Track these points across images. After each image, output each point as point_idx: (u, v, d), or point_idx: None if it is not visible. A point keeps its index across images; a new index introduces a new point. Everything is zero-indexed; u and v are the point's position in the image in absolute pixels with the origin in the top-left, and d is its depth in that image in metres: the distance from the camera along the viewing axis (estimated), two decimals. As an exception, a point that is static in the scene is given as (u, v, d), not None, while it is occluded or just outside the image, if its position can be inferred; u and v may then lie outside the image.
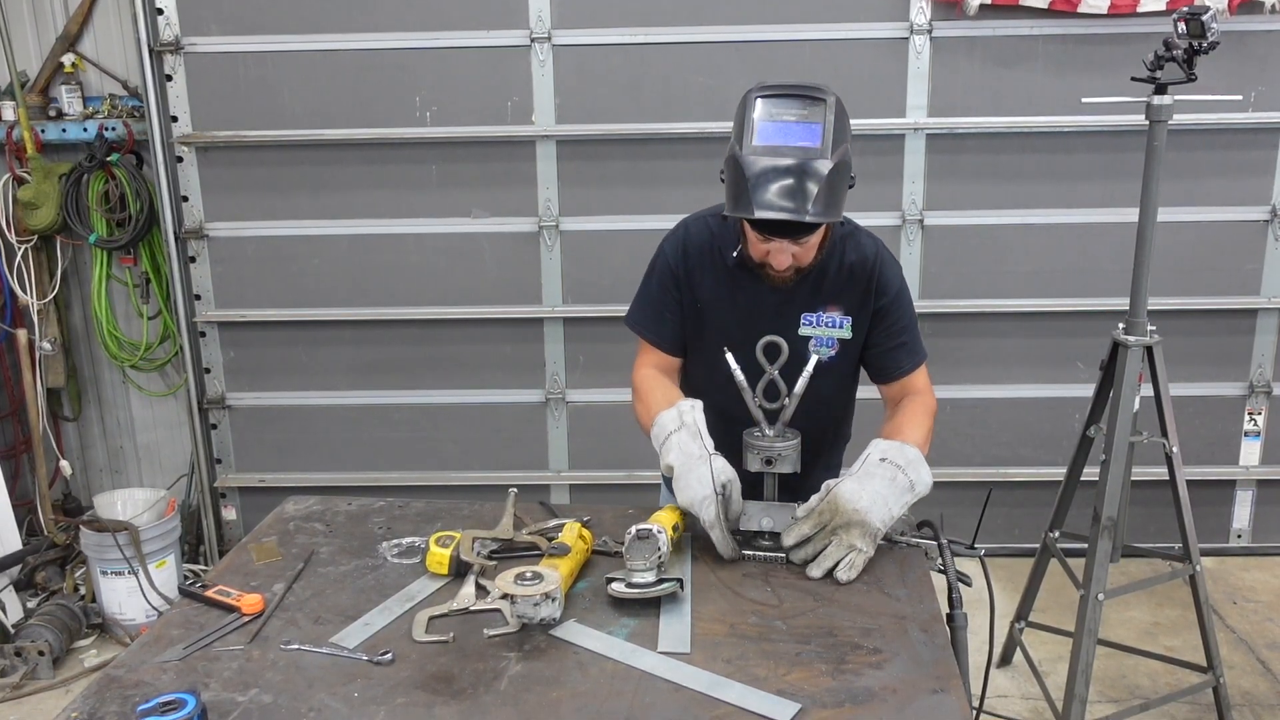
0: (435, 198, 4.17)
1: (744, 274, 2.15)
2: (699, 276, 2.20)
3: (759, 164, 1.87)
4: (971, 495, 4.18)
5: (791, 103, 1.91)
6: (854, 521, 1.89)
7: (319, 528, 2.18)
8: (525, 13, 3.96)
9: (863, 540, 1.89)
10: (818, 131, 1.88)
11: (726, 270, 2.17)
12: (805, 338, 2.16)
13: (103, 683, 1.63)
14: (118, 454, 4.75)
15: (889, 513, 1.91)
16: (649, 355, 2.31)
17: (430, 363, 4.35)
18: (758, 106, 1.92)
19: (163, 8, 3.99)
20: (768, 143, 1.89)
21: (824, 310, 2.16)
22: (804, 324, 2.16)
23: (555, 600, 1.72)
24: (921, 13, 3.90)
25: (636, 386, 2.28)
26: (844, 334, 2.18)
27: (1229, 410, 4.31)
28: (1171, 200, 3.71)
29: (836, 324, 2.17)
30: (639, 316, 2.30)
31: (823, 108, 1.90)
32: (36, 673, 3.65)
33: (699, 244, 2.20)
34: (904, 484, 1.94)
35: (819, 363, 2.03)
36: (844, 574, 1.88)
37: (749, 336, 2.05)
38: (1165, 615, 3.93)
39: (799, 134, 1.89)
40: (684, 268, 2.21)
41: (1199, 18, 2.65)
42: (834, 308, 2.17)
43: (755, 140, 1.89)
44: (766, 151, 1.88)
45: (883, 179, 4.08)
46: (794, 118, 1.90)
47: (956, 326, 4.22)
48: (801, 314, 2.16)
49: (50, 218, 4.23)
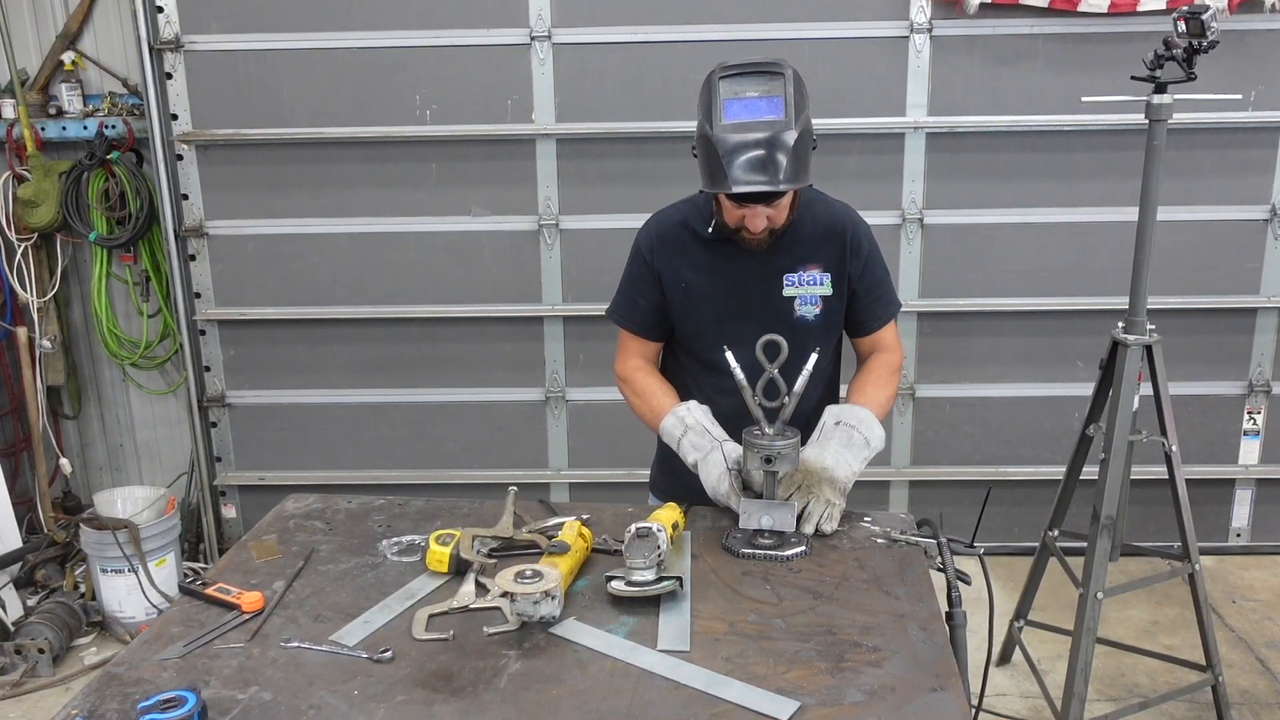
0: (435, 196, 4.17)
1: (722, 246, 2.23)
2: (678, 259, 2.28)
3: (730, 140, 1.97)
4: (971, 494, 4.20)
5: (753, 79, 2.02)
6: (823, 479, 2.07)
7: (319, 526, 2.18)
8: (525, 11, 3.96)
9: (834, 494, 2.06)
10: (780, 104, 2.00)
11: (704, 246, 2.25)
12: (790, 299, 2.25)
13: (103, 680, 1.63)
14: (117, 452, 4.75)
15: (850, 468, 2.11)
16: (631, 345, 2.40)
17: (430, 361, 4.35)
18: (722, 86, 2.02)
19: (163, 6, 3.99)
20: (735, 119, 1.99)
21: (804, 269, 2.25)
22: (787, 284, 2.25)
23: (555, 598, 1.73)
24: (922, 11, 3.91)
25: (627, 380, 2.38)
26: (825, 290, 2.26)
27: (1228, 409, 4.32)
28: (1171, 199, 3.71)
29: (818, 281, 2.26)
30: (616, 307, 2.41)
31: (782, 81, 2.01)
32: (36, 670, 3.66)
33: (671, 229, 2.29)
34: (859, 441, 2.13)
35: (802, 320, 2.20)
36: (827, 526, 2.04)
37: (737, 305, 2.22)
38: (1164, 614, 3.93)
39: (763, 108, 1.99)
40: (659, 254, 2.29)
41: (1199, 17, 2.65)
42: (813, 266, 2.26)
43: (723, 119, 1.99)
44: (735, 129, 1.98)
45: (882, 178, 4.08)
46: (757, 93, 2.01)
47: (956, 325, 4.22)
48: (784, 275, 2.25)
49: (50, 216, 4.24)
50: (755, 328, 2.11)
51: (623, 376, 2.40)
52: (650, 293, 2.32)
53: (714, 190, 2.04)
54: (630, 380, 2.38)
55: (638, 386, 2.35)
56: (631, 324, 2.38)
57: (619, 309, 2.39)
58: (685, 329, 2.33)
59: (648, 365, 2.40)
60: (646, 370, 2.38)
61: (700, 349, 2.33)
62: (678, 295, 2.29)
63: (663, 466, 2.49)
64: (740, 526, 2.04)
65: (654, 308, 2.33)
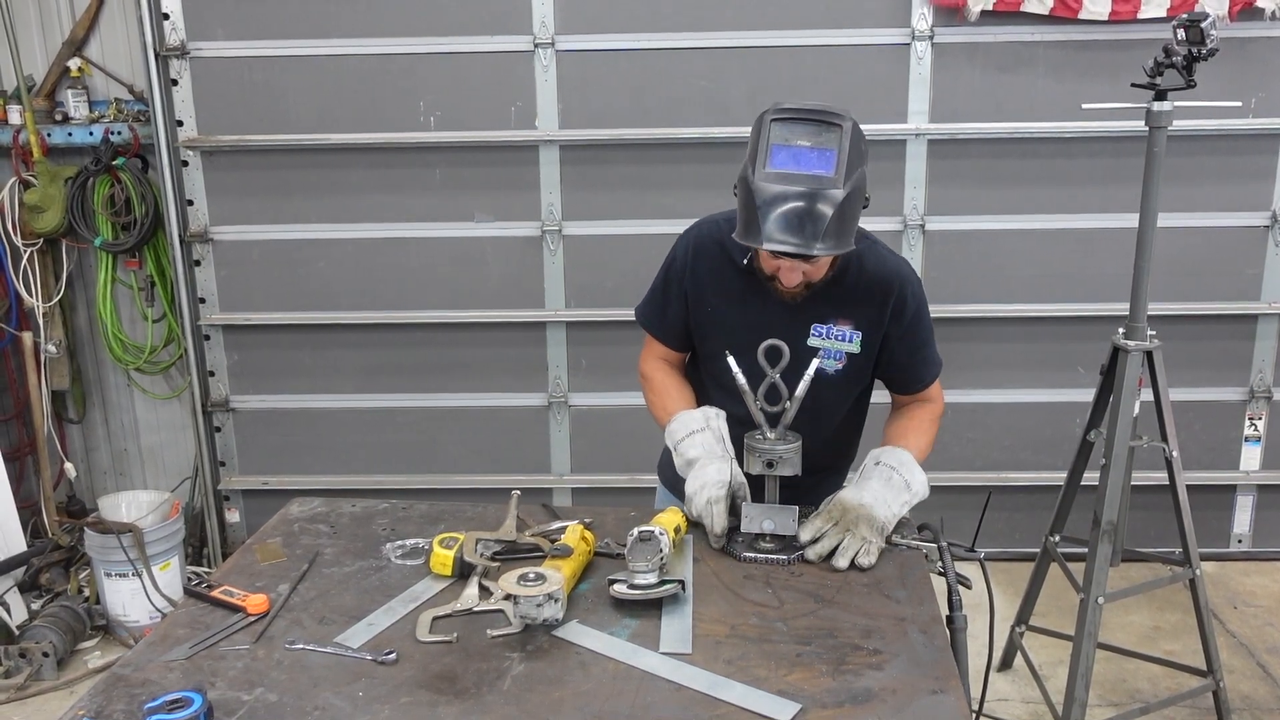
0: (439, 202, 4.19)
1: (755, 279, 2.12)
2: (709, 279, 2.19)
3: (769, 191, 1.84)
4: (972, 499, 4.17)
5: (807, 127, 1.88)
6: (861, 516, 1.99)
7: (323, 529, 2.20)
8: (529, 18, 3.98)
9: (871, 533, 1.98)
10: (832, 159, 1.85)
11: (737, 274, 2.15)
12: (813, 349, 2.13)
13: (109, 681, 1.64)
14: (122, 456, 4.77)
15: (890, 510, 2.01)
16: (655, 348, 2.35)
17: (433, 366, 4.37)
18: (773, 130, 1.89)
19: (169, 12, 4.01)
20: (780, 168, 1.86)
21: (835, 323, 2.15)
22: (813, 334, 2.15)
23: (558, 601, 1.74)
24: (923, 19, 3.92)
25: (648, 377, 2.34)
26: (853, 348, 2.16)
27: (1229, 415, 4.32)
28: (1172, 206, 3.72)
29: (846, 338, 2.15)
30: (645, 310, 2.34)
31: (838, 134, 1.86)
32: (41, 674, 3.67)
33: (709, 247, 2.19)
34: (900, 483, 2.04)
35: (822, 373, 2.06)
36: (864, 560, 1.96)
37: (756, 342, 2.04)
38: (1165, 619, 3.94)
39: (812, 161, 1.86)
40: (694, 268, 2.21)
41: (1198, 24, 2.67)
42: (845, 321, 2.15)
43: (768, 166, 1.86)
44: (778, 179, 1.85)
45: (884, 184, 4.08)
46: (808, 143, 1.87)
47: (957, 331, 4.23)
48: (812, 324, 2.15)
49: (56, 221, 4.26)
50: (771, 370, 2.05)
51: (644, 373, 2.35)
52: (678, 305, 2.24)
53: (745, 241, 1.90)
54: (650, 378, 2.33)
55: (656, 383, 2.30)
56: (659, 332, 2.32)
57: (648, 314, 2.32)
58: (705, 350, 2.29)
59: (669, 367, 2.35)
60: (667, 371, 2.33)
61: (718, 372, 2.22)
62: (702, 317, 2.22)
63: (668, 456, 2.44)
64: (742, 530, 2.05)
65: (679, 321, 2.26)
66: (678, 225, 2.31)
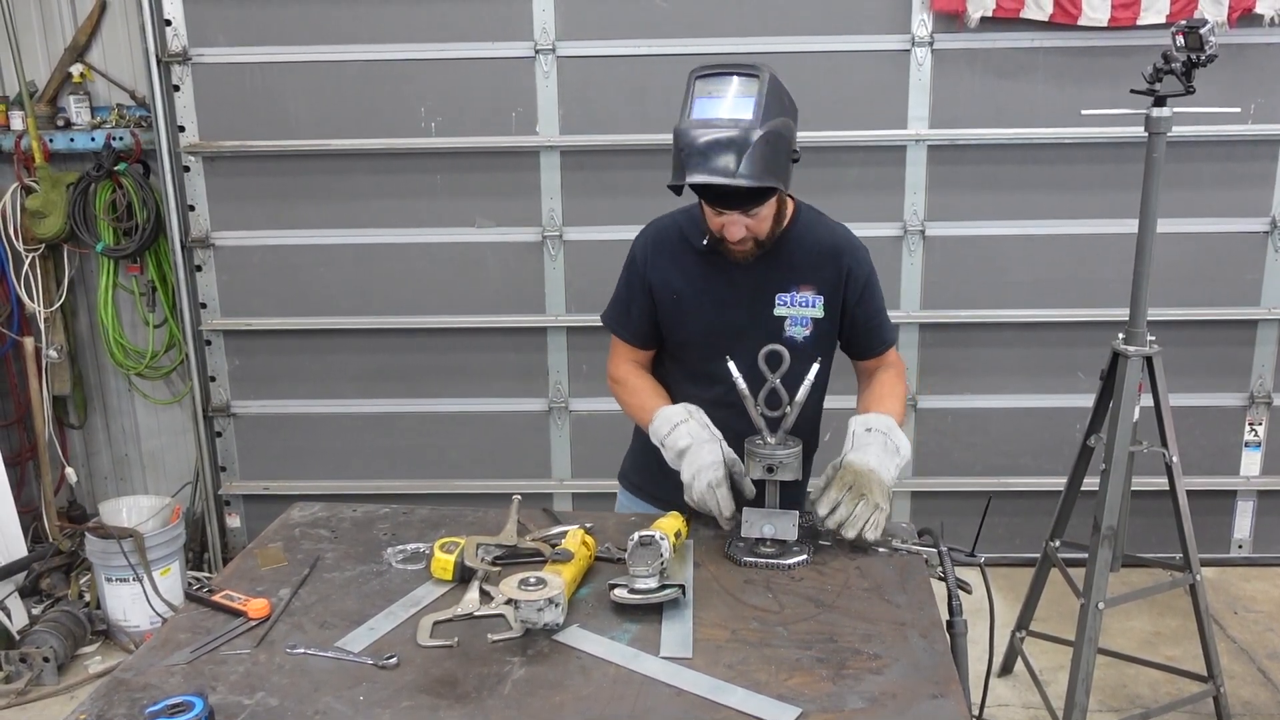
0: (440, 207, 4.20)
1: (715, 259, 2.23)
2: (671, 266, 2.28)
3: (694, 134, 1.96)
4: (972, 504, 4.20)
5: (725, 80, 2.02)
6: (874, 480, 2.03)
7: (324, 534, 2.20)
8: (530, 24, 3.99)
9: (883, 498, 2.03)
10: (750, 103, 1.98)
11: (698, 257, 2.25)
12: (781, 318, 2.25)
13: (111, 685, 1.65)
14: (123, 461, 4.77)
15: (890, 475, 2.08)
16: (622, 349, 2.42)
17: (434, 371, 4.37)
18: (696, 85, 2.03)
19: (171, 19, 4.02)
20: (703, 116, 1.99)
21: (797, 290, 2.25)
22: (779, 304, 2.25)
23: (558, 605, 1.74)
24: (923, 25, 3.93)
25: (621, 380, 2.40)
26: (817, 313, 2.26)
27: (1229, 421, 4.33)
28: (1172, 211, 3.73)
29: (810, 303, 2.26)
30: (611, 314, 2.42)
31: (756, 82, 1.99)
32: (41, 679, 3.67)
33: (667, 237, 2.30)
34: (891, 448, 2.10)
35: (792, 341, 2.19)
36: (871, 534, 2.01)
37: (727, 320, 2.22)
38: (1166, 625, 3.94)
39: (732, 107, 1.98)
40: (654, 261, 2.30)
41: (1197, 31, 2.68)
42: (806, 287, 2.25)
43: (692, 115, 1.99)
44: (701, 124, 1.97)
45: (884, 190, 4.10)
46: (728, 93, 2.01)
47: (957, 336, 4.24)
48: (776, 295, 2.25)
49: (57, 226, 4.27)
50: (743, 343, 2.15)
51: (615, 377, 2.42)
52: (643, 300, 2.33)
53: (675, 181, 2.01)
54: (623, 381, 2.39)
55: (631, 385, 2.37)
56: (625, 332, 2.39)
57: (613, 316, 2.41)
58: (675, 339, 2.35)
59: (639, 368, 2.42)
60: (639, 372, 2.40)
61: (688, 360, 2.34)
62: (669, 305, 2.30)
63: (636, 461, 2.52)
64: (742, 535, 2.05)
65: (646, 317, 2.34)
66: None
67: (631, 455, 2.57)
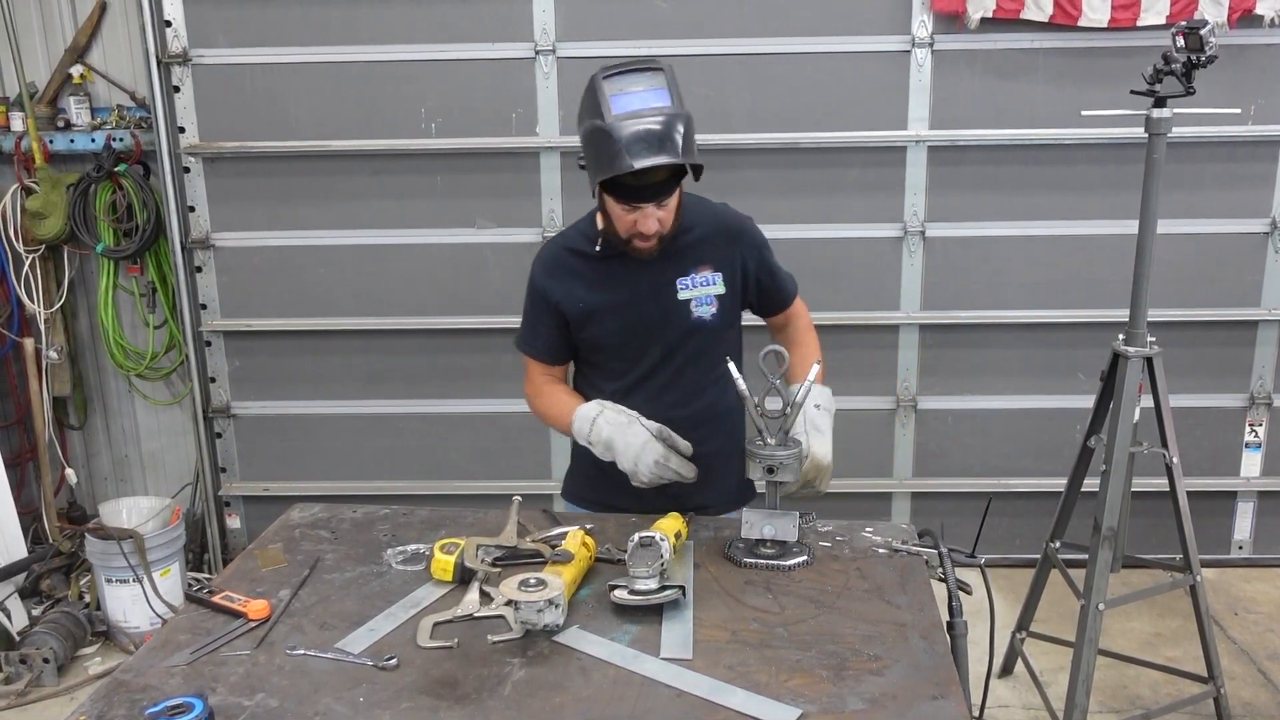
0: (440, 208, 4.20)
1: (613, 261, 2.28)
2: (572, 283, 2.33)
3: (626, 124, 2.01)
4: (972, 505, 4.20)
5: (634, 76, 2.09)
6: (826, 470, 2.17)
7: (324, 535, 2.20)
8: (530, 25, 3.99)
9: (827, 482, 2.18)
10: (665, 94, 2.06)
11: (595, 265, 2.31)
12: (686, 302, 2.30)
13: (111, 686, 1.65)
14: (123, 462, 4.77)
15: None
16: (536, 369, 2.47)
17: (434, 372, 4.37)
18: (606, 85, 2.08)
19: (171, 20, 4.02)
20: (626, 110, 2.04)
21: (695, 271, 2.30)
22: (681, 289, 2.29)
23: (558, 606, 1.74)
24: (923, 26, 3.93)
25: (536, 394, 2.45)
26: (719, 289, 2.31)
27: (1229, 422, 4.32)
28: (1172, 212, 3.73)
29: (710, 281, 2.31)
30: (522, 336, 2.48)
31: (662, 75, 2.08)
32: (41, 680, 3.67)
33: (559, 257, 2.36)
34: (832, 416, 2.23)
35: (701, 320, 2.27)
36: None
37: (637, 316, 2.28)
38: (1166, 626, 3.93)
39: (651, 98, 2.06)
40: (553, 284, 2.34)
41: (1197, 31, 2.68)
42: (704, 267, 2.30)
43: (614, 111, 2.04)
44: (629, 116, 2.02)
45: (884, 191, 4.10)
46: (641, 88, 2.07)
47: (958, 337, 4.23)
48: (676, 280, 2.30)
49: (58, 227, 4.27)
50: (657, 334, 2.28)
51: (530, 393, 2.47)
52: (550, 320, 2.37)
53: (614, 173, 2.02)
54: (538, 393, 2.44)
55: (546, 393, 2.42)
56: (535, 351, 2.44)
57: (525, 339, 2.46)
58: (591, 344, 2.38)
59: (554, 380, 2.46)
60: (551, 383, 2.45)
61: (603, 361, 2.39)
62: (580, 317, 2.34)
63: (574, 471, 2.56)
64: (742, 536, 2.05)
65: (555, 335, 2.39)
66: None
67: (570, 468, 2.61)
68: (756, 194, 4.06)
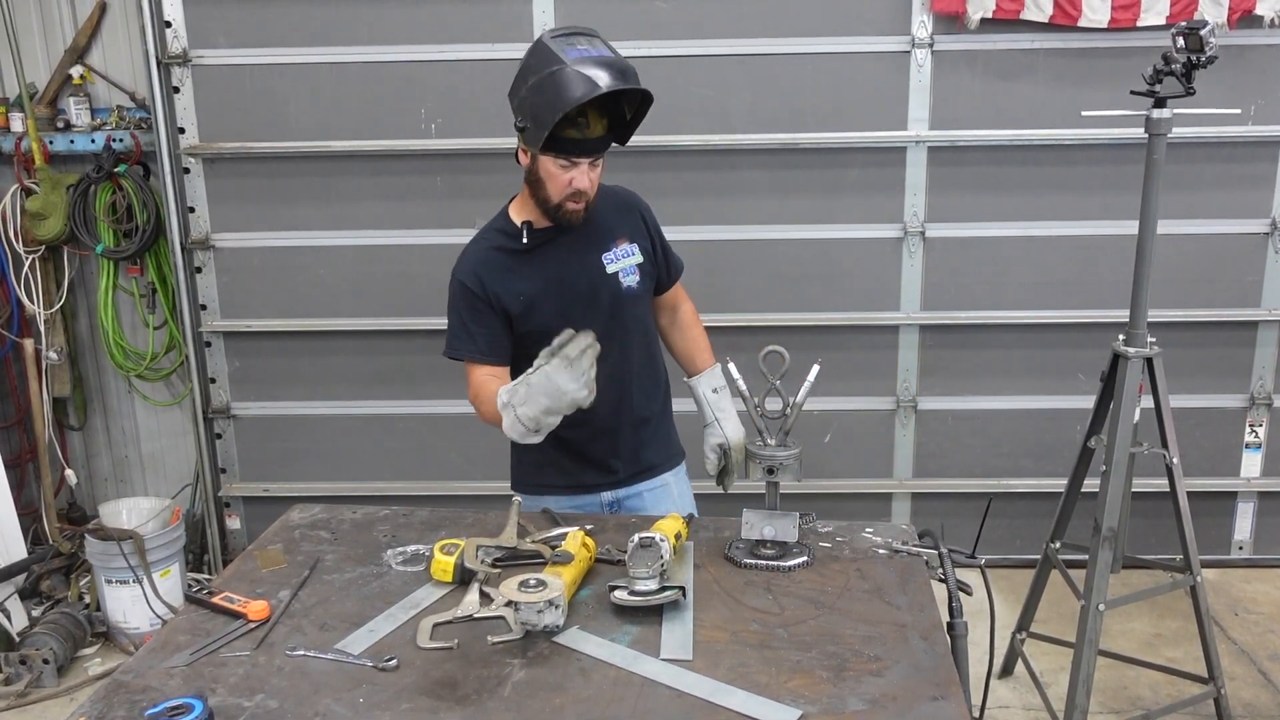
0: (440, 209, 4.19)
1: (541, 250, 2.39)
2: (508, 279, 2.40)
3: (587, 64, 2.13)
4: (972, 505, 4.20)
5: (580, 35, 2.22)
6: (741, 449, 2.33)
7: (324, 535, 2.20)
8: (530, 25, 3.99)
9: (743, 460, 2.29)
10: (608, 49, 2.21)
11: (525, 257, 2.40)
12: (615, 274, 2.42)
13: (110, 687, 1.65)
14: (123, 463, 4.77)
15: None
16: (477, 372, 2.45)
17: (435, 373, 4.35)
18: (556, 43, 2.18)
19: (171, 20, 4.02)
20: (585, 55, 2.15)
21: (615, 245, 2.44)
22: (607, 263, 2.42)
23: (558, 607, 1.74)
24: (923, 26, 3.93)
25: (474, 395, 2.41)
26: (639, 259, 2.46)
27: (1230, 422, 4.32)
28: (1172, 213, 3.73)
29: (630, 252, 2.46)
30: (453, 344, 2.48)
31: (599, 39, 2.22)
32: (41, 681, 3.66)
33: (488, 257, 2.43)
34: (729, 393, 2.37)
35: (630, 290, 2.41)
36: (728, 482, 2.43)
37: (574, 296, 2.39)
38: (1166, 626, 3.93)
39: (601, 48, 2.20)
40: (489, 283, 2.40)
41: (1197, 32, 2.68)
42: (622, 240, 2.46)
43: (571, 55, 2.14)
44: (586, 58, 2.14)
45: (884, 191, 4.10)
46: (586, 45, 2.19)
47: (958, 338, 4.23)
48: (601, 255, 2.42)
49: (58, 228, 4.27)
50: (595, 309, 2.38)
51: (473, 396, 2.41)
52: (488, 320, 2.41)
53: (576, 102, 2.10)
54: (476, 394, 2.39)
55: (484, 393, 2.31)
56: (477, 353, 2.43)
57: (457, 346, 2.46)
58: (534, 336, 2.29)
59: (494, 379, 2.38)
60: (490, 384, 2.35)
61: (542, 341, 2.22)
62: (522, 309, 2.40)
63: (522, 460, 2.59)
64: (742, 536, 2.05)
65: (493, 332, 2.42)
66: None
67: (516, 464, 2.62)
68: (756, 194, 4.06)
